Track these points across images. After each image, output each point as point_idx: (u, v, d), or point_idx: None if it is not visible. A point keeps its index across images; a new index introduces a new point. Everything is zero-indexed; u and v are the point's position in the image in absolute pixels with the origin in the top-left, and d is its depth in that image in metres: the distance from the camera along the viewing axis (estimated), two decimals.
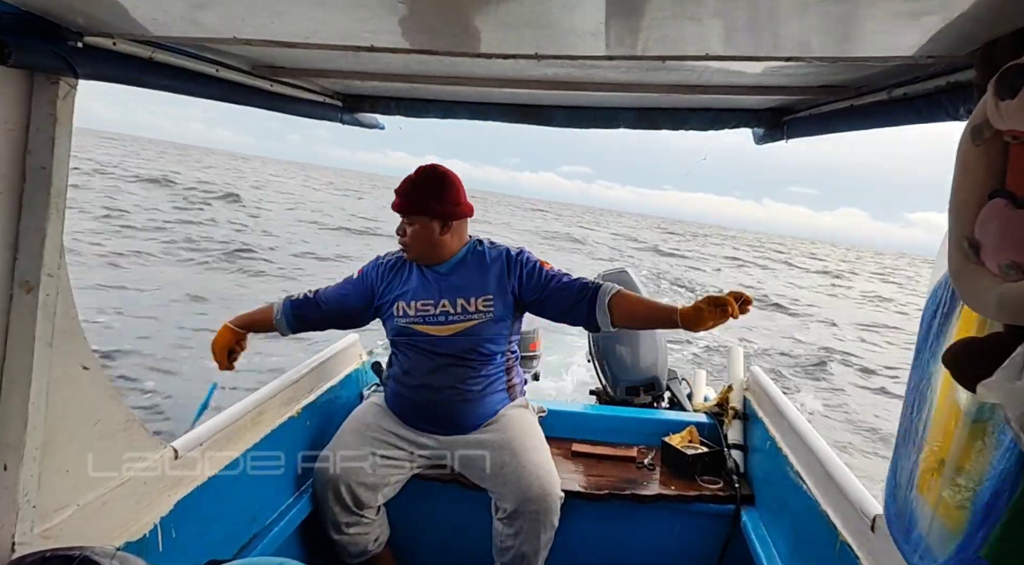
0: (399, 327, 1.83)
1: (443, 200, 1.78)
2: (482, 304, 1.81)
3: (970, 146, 0.68)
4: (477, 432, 1.83)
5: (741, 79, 1.26)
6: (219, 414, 1.54)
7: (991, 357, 0.60)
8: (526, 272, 1.83)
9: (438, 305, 1.81)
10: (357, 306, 1.89)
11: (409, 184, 1.77)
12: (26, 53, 0.86)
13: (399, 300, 1.84)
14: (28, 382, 0.95)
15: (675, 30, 0.84)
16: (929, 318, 0.97)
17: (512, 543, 1.74)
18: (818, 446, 1.56)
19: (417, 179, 1.78)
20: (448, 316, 1.81)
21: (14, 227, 0.95)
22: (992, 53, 0.70)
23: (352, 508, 1.75)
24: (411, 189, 1.77)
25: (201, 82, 1.21)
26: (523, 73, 1.29)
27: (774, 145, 1.67)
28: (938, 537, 0.88)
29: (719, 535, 1.89)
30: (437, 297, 1.81)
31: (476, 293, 1.82)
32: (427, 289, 1.83)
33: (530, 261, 1.86)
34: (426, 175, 1.79)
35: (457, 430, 1.84)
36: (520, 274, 1.83)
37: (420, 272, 1.86)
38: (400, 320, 1.83)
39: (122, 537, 1.18)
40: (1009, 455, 0.75)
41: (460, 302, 1.81)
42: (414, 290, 1.83)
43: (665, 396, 2.91)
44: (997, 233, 0.63)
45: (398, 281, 1.87)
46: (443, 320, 1.81)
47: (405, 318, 1.82)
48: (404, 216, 1.79)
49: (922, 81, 0.99)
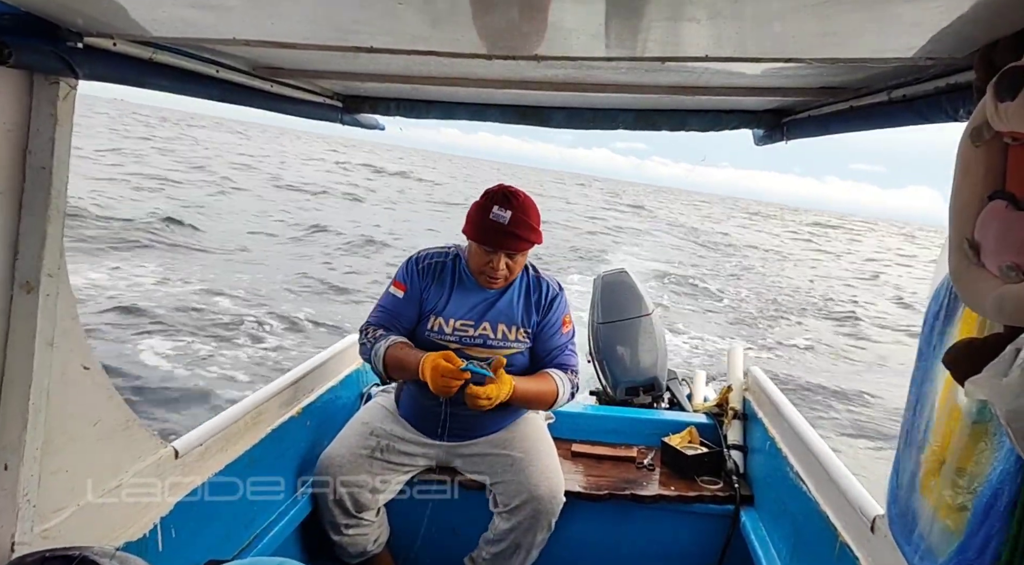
0: (430, 341, 1.75)
1: (539, 224, 1.72)
2: (521, 334, 1.79)
3: (970, 148, 0.68)
4: (488, 436, 1.84)
5: (741, 80, 1.26)
6: (219, 414, 1.54)
7: (990, 358, 0.60)
8: (547, 321, 1.81)
9: (479, 327, 1.76)
10: (415, 321, 1.80)
11: (516, 219, 1.65)
12: (26, 53, 0.86)
13: (436, 315, 1.76)
14: (28, 382, 0.95)
15: (675, 31, 0.84)
16: (932, 319, 0.97)
17: (505, 537, 1.73)
18: (818, 447, 1.56)
19: (518, 209, 1.66)
20: (487, 340, 1.76)
21: (14, 227, 0.95)
22: (991, 55, 0.70)
23: (352, 510, 1.75)
24: (522, 223, 1.66)
25: (201, 83, 1.21)
26: (523, 74, 1.29)
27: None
28: (938, 538, 0.88)
29: (719, 536, 1.89)
30: (478, 319, 1.76)
31: (519, 322, 1.79)
32: (469, 308, 1.77)
33: (558, 312, 1.83)
34: (522, 203, 1.69)
35: (464, 438, 1.84)
36: (545, 315, 1.81)
37: (462, 285, 1.79)
38: (433, 335, 1.75)
39: (122, 537, 1.18)
40: (1009, 456, 0.75)
41: (501, 328, 1.77)
42: (454, 306, 1.76)
43: (665, 397, 2.91)
44: (997, 235, 0.63)
45: (437, 290, 1.78)
46: (480, 343, 1.76)
47: (439, 335, 1.75)
48: (517, 252, 1.70)
49: (922, 83, 0.99)
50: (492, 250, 1.68)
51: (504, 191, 1.71)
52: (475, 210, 1.71)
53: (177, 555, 1.31)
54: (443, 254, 1.84)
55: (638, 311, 2.91)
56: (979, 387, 0.60)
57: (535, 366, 1.83)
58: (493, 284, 1.74)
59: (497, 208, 1.66)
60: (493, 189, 1.72)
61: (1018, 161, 0.64)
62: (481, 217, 1.67)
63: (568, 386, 1.79)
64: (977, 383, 0.61)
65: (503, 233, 1.65)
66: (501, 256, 1.69)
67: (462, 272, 1.80)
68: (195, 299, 7.54)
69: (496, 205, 1.66)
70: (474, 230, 1.69)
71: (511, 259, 1.70)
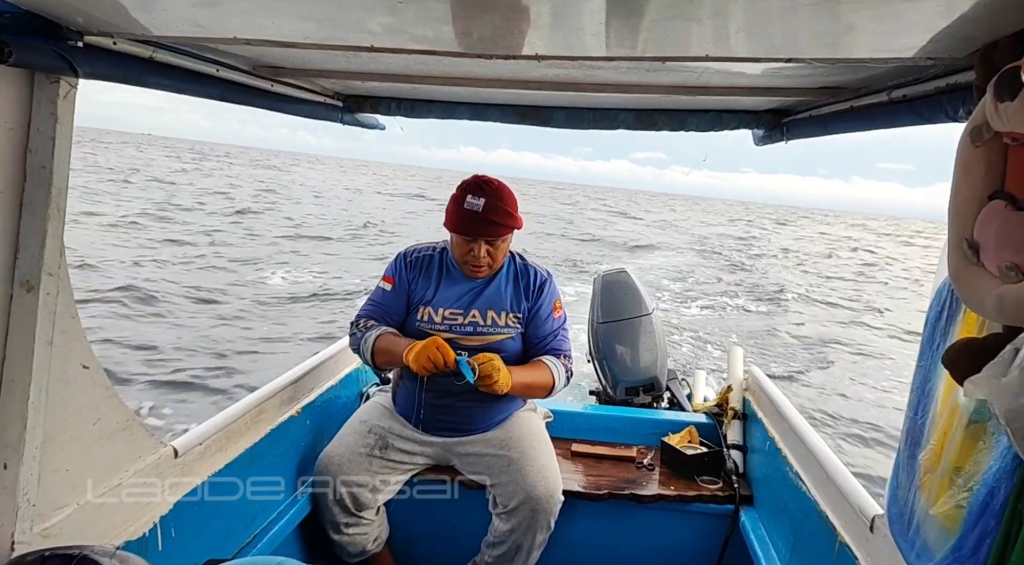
0: (420, 331, 1.78)
1: (516, 210, 1.76)
2: (512, 319, 1.81)
3: (970, 148, 0.68)
4: (484, 433, 1.84)
5: (741, 80, 1.26)
6: (219, 413, 1.54)
7: (990, 358, 0.60)
8: (538, 307, 1.84)
9: (467, 314, 1.79)
10: (403, 314, 1.84)
11: (490, 206, 1.69)
12: (27, 52, 0.86)
13: (425, 305, 1.80)
14: (28, 381, 0.95)
15: (675, 31, 0.84)
16: (933, 319, 0.97)
17: (505, 538, 1.74)
18: (817, 446, 1.56)
19: (491, 196, 1.70)
20: (477, 327, 1.79)
21: (14, 226, 0.95)
22: (991, 55, 0.70)
23: (351, 509, 1.75)
24: (496, 208, 1.69)
25: (201, 82, 1.21)
26: (523, 74, 1.29)
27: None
28: (935, 536, 0.88)
29: (718, 535, 1.89)
30: (467, 307, 1.80)
31: (508, 308, 1.81)
32: (457, 297, 1.80)
33: (548, 298, 1.87)
34: (496, 189, 1.72)
35: (467, 432, 1.84)
36: (536, 301, 1.84)
37: (449, 276, 1.83)
38: (423, 325, 1.79)
39: (121, 536, 1.18)
40: (1005, 455, 0.75)
41: (491, 314, 1.80)
42: (442, 296, 1.80)
43: (664, 396, 2.91)
44: (997, 235, 0.63)
45: (425, 282, 1.83)
46: (471, 331, 1.79)
47: (429, 324, 1.78)
48: (496, 238, 1.73)
49: (922, 83, 0.99)
50: (471, 238, 1.72)
51: (477, 180, 1.75)
52: (451, 202, 1.76)
53: (177, 554, 1.31)
54: (430, 248, 1.89)
55: (638, 311, 2.92)
56: (978, 387, 0.60)
57: (528, 353, 1.86)
58: (477, 273, 1.78)
59: (471, 197, 1.70)
60: (467, 180, 1.77)
61: (1018, 161, 0.64)
62: (457, 207, 1.72)
63: (563, 372, 1.83)
64: (976, 383, 0.61)
65: (478, 220, 1.69)
66: (481, 243, 1.73)
67: (449, 264, 1.85)
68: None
69: (470, 195, 1.71)
70: (451, 221, 1.74)
71: (492, 246, 1.74)
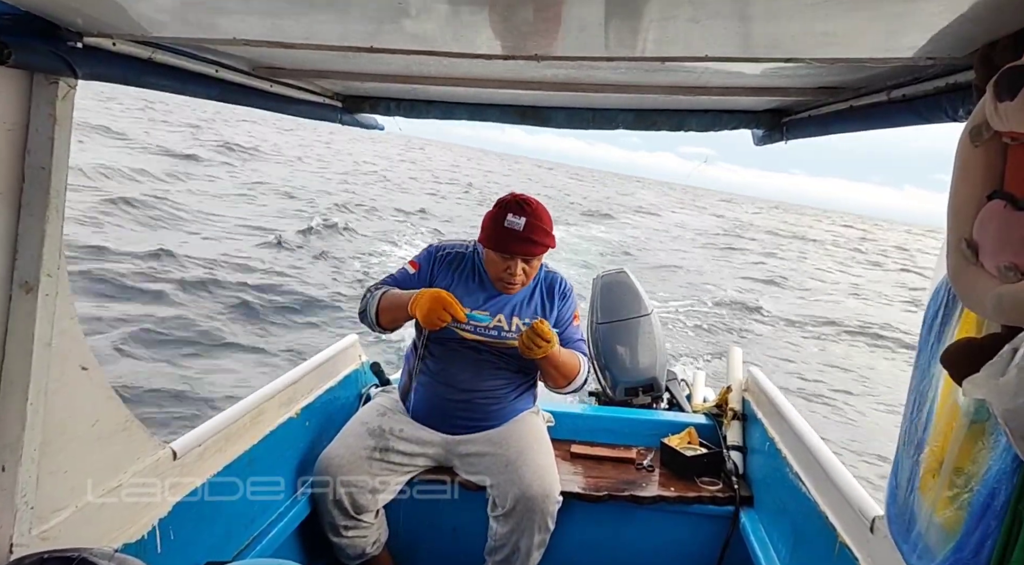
0: (446, 327, 1.77)
1: (552, 229, 1.78)
2: None
3: (969, 147, 0.68)
4: (487, 431, 1.85)
5: (740, 80, 1.26)
6: (218, 415, 1.54)
7: (988, 358, 0.60)
8: (562, 313, 1.88)
9: (493, 318, 1.81)
10: None
11: (530, 225, 1.70)
12: (26, 53, 0.86)
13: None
14: (27, 382, 0.95)
15: (675, 31, 0.84)
16: (931, 319, 0.97)
17: (506, 541, 1.73)
18: (817, 447, 1.56)
19: (531, 215, 1.71)
20: (501, 332, 1.81)
21: (14, 227, 0.95)
22: (991, 55, 0.70)
23: (351, 512, 1.74)
24: (536, 228, 1.71)
25: (201, 82, 1.21)
26: (523, 74, 1.29)
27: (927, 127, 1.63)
28: (936, 537, 0.88)
29: (718, 536, 1.89)
30: (493, 311, 1.82)
31: (532, 315, 1.83)
32: (484, 300, 1.82)
33: (570, 306, 1.90)
34: (535, 209, 1.74)
35: (471, 430, 1.85)
36: (560, 309, 1.88)
37: (480, 279, 1.85)
38: (450, 323, 1.76)
39: (120, 538, 1.18)
40: (1005, 455, 0.75)
41: (516, 321, 1.82)
42: (469, 298, 1.81)
43: (664, 397, 2.91)
44: (996, 235, 0.63)
45: (451, 278, 1.84)
46: (495, 335, 1.81)
47: (454, 322, 1.76)
48: (533, 257, 1.75)
49: (921, 82, 0.99)
50: (509, 256, 1.73)
51: (517, 199, 1.76)
52: (489, 219, 1.76)
53: (176, 556, 1.30)
54: (463, 246, 1.92)
55: (637, 311, 2.91)
56: (977, 386, 0.60)
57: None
58: (510, 290, 1.81)
59: (512, 216, 1.71)
60: (506, 198, 1.77)
61: (1017, 161, 0.64)
62: (496, 225, 1.72)
63: (586, 369, 1.87)
64: (975, 382, 0.61)
65: (519, 239, 1.70)
66: (518, 261, 1.74)
67: (479, 267, 1.87)
68: None
69: (510, 213, 1.71)
70: (490, 238, 1.74)
71: (527, 264, 1.76)
